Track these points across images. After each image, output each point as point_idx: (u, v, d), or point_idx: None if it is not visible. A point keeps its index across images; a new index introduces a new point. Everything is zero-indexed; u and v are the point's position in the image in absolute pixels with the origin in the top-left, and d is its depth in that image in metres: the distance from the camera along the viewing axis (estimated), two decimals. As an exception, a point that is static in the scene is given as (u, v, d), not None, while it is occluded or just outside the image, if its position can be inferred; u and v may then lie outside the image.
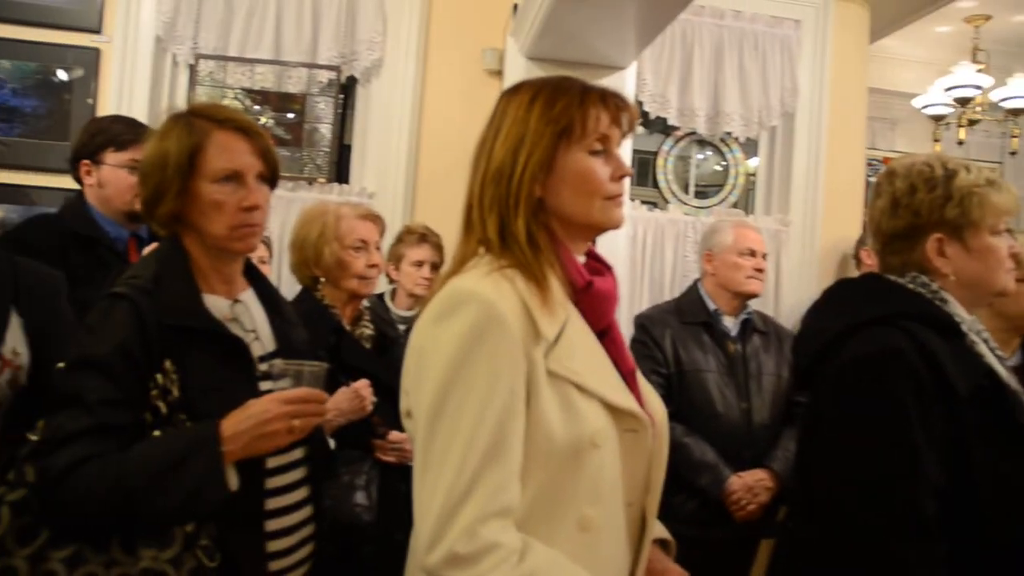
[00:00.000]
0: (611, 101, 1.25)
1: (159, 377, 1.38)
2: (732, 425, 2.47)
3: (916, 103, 4.92)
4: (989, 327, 1.56)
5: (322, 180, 3.37)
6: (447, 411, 1.10)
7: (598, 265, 1.32)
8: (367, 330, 2.32)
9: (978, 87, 4.63)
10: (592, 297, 1.24)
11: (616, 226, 1.25)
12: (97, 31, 3.27)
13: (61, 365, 1.41)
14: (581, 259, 1.28)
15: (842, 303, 1.55)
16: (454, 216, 1.29)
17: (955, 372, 1.36)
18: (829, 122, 3.82)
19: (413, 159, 3.39)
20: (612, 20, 2.67)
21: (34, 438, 1.43)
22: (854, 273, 3.48)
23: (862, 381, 1.39)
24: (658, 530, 1.33)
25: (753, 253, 2.61)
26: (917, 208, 1.48)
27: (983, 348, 1.45)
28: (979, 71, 4.62)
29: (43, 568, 1.32)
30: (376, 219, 2.37)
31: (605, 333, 1.26)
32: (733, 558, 2.17)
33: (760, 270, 2.61)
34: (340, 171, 3.52)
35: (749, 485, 2.38)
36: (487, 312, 1.11)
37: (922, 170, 1.49)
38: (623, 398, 1.20)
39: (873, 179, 4.00)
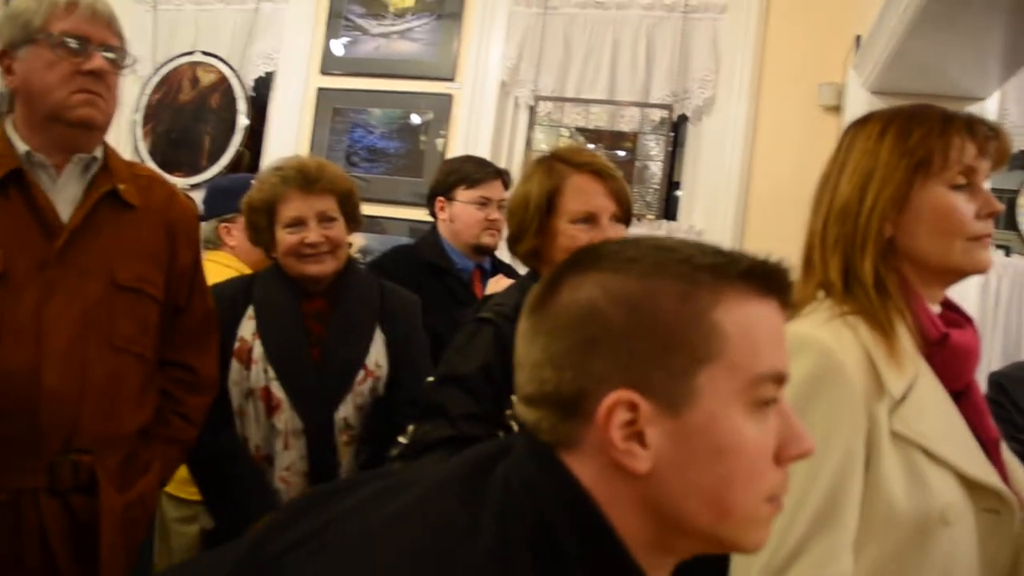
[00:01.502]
0: (979, 129, 1.11)
1: (514, 398, 1.49)
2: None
3: None
4: None
5: (651, 217, 3.42)
6: None
7: (955, 316, 1.18)
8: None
9: None
10: (948, 352, 1.10)
11: (982, 270, 1.12)
12: (451, 79, 3.60)
13: (431, 380, 1.58)
14: (936, 308, 1.16)
15: None
16: (784, 254, 1.23)
17: None
18: None
19: (743, 197, 3.32)
20: (973, 48, 2.43)
21: (403, 440, 1.60)
22: None
23: None
24: None
25: None
26: None
27: None
28: None
29: None
30: None
31: (962, 394, 1.11)
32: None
33: None
34: (668, 208, 3.55)
35: None
36: (826, 362, 1.03)
37: None
38: (982, 471, 1.05)
39: None
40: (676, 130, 3.48)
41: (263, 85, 3.88)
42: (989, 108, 2.92)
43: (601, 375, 0.68)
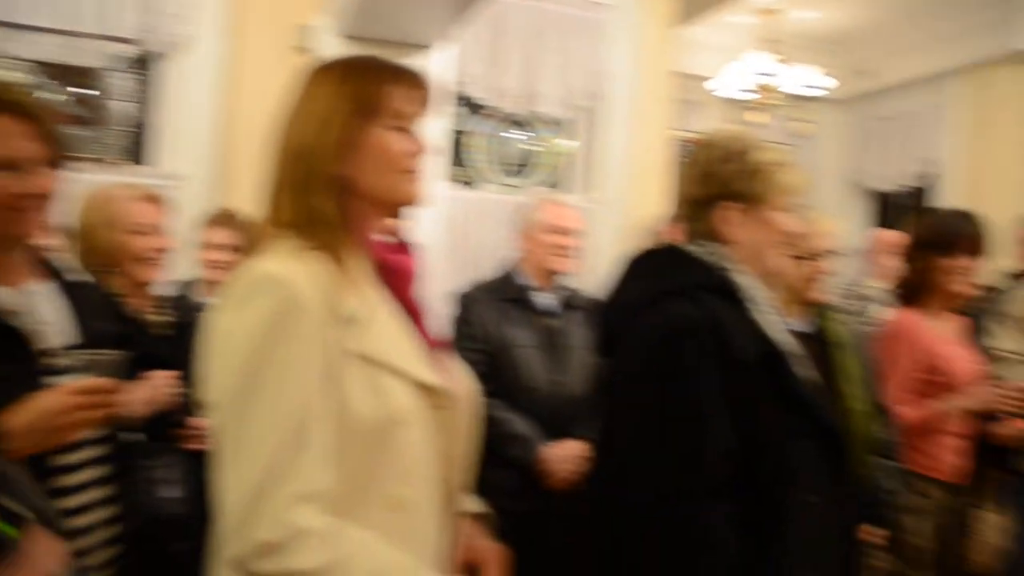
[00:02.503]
0: (409, 78, 1.25)
1: None
2: (549, 398, 2.54)
3: (711, 86, 5.20)
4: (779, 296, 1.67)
5: (119, 162, 3.16)
6: (248, 398, 1.07)
7: (397, 243, 1.33)
8: (164, 317, 2.22)
9: (769, 74, 4.92)
10: (389, 274, 1.25)
11: (413, 202, 1.25)
12: None
13: None
14: (384, 237, 1.29)
15: (641, 274, 1.62)
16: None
17: (741, 340, 1.45)
18: (637, 104, 3.98)
19: (221, 139, 3.24)
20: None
21: None
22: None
23: (654, 353, 1.46)
24: (473, 504, 1.35)
25: (565, 231, 2.67)
26: (714, 178, 1.55)
27: (768, 316, 1.53)
28: (780, 60, 4.91)
29: None
30: (157, 200, 2.25)
31: (410, 310, 1.27)
32: (552, 528, 2.24)
33: (571, 248, 2.68)
34: (141, 152, 3.31)
35: (565, 455, 2.45)
36: (286, 295, 1.09)
37: (724, 143, 1.58)
38: (428, 374, 1.21)
39: (681, 160, 4.24)
40: (147, 68, 3.25)
41: None
42: (443, 56, 3.23)
43: None
